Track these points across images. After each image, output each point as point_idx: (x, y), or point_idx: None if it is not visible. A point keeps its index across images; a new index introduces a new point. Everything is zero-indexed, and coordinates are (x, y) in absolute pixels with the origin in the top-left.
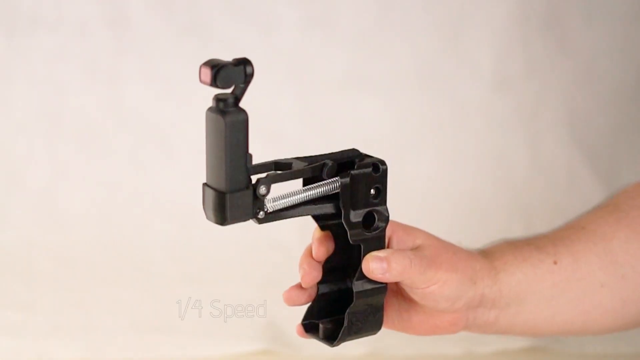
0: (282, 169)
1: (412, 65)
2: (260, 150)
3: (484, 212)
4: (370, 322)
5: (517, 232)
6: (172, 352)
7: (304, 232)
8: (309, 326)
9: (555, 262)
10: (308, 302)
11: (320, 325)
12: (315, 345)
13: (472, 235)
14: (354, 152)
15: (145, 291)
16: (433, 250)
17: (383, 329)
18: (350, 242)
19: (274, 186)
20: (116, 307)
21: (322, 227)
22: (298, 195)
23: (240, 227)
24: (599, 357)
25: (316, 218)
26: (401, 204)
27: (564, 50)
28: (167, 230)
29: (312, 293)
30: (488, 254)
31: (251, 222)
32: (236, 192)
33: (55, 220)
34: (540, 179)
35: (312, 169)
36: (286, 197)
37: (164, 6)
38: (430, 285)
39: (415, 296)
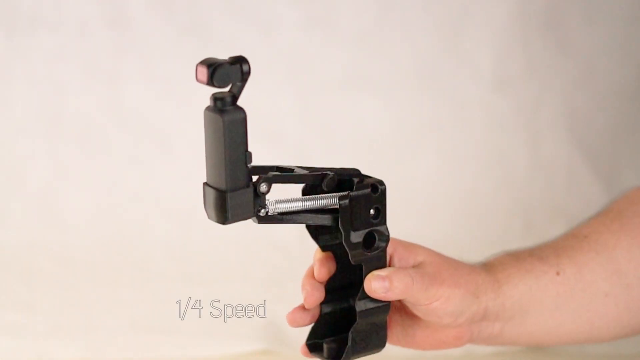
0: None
1: (412, 65)
2: (260, 150)
3: (483, 212)
4: (374, 341)
5: (517, 231)
6: (172, 352)
7: (304, 233)
8: (313, 346)
9: (558, 273)
10: (312, 323)
11: (325, 345)
12: None
13: (472, 235)
14: (354, 171)
15: (145, 291)
16: (435, 266)
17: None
18: (352, 262)
19: (275, 190)
20: (116, 307)
21: (323, 248)
22: (299, 203)
23: (240, 227)
24: (599, 357)
25: (316, 237)
26: (401, 204)
27: (564, 50)
28: (167, 230)
29: (316, 313)
30: (490, 267)
31: (252, 223)
32: (236, 190)
33: (55, 220)
34: (540, 178)
35: (313, 176)
36: (287, 202)
37: (164, 6)
38: (433, 301)
39: (418, 313)
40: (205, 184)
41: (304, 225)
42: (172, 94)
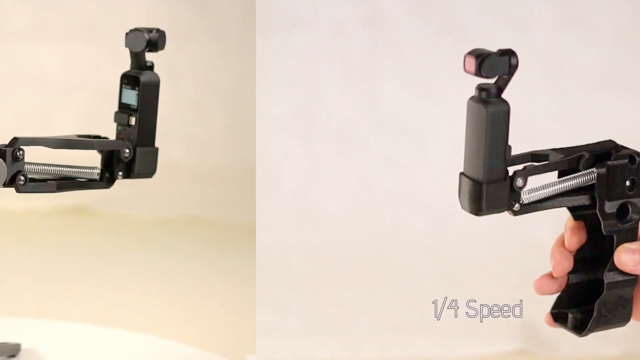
0: (538, 161)
1: None
2: (514, 149)
3: None
4: (618, 314)
5: None
6: (429, 352)
7: (559, 231)
8: (558, 315)
9: None
10: (558, 292)
11: (569, 315)
12: (572, 346)
13: None
14: (610, 143)
15: (400, 291)
16: None
17: (632, 322)
18: (604, 232)
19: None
20: (371, 307)
21: (576, 217)
22: (554, 187)
23: (495, 227)
24: None
25: (570, 208)
26: None
27: None
28: (422, 229)
29: (563, 282)
30: None
31: (506, 222)
32: (493, 182)
33: (312, 220)
34: None
35: (568, 161)
36: (542, 189)
37: (419, 6)
38: None
39: None
40: (462, 173)
41: (559, 224)
42: (428, 93)
